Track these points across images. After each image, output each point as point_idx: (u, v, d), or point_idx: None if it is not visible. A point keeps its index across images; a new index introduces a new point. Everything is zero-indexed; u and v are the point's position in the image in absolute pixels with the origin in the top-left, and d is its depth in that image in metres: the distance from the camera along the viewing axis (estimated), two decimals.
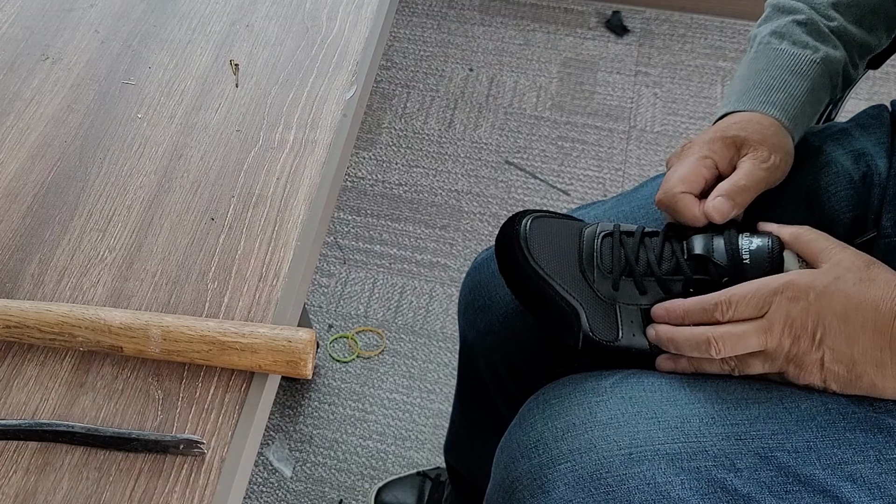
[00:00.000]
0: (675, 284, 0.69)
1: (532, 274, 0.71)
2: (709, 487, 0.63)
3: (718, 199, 0.69)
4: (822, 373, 0.63)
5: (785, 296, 0.63)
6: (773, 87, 0.76)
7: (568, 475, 0.65)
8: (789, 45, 0.78)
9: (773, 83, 0.76)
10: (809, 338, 0.62)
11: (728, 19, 2.04)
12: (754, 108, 0.74)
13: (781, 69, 0.76)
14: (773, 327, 0.63)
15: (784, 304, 0.63)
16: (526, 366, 0.87)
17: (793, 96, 0.75)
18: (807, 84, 0.76)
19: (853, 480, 0.63)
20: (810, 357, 0.63)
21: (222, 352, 0.54)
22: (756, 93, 0.76)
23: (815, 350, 0.62)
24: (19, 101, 0.71)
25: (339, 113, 0.69)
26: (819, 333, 0.62)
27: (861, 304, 0.62)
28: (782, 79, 0.76)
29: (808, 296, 0.62)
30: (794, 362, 0.64)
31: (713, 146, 0.72)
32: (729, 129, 0.73)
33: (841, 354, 0.62)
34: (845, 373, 0.62)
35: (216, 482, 0.51)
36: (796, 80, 0.76)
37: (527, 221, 0.73)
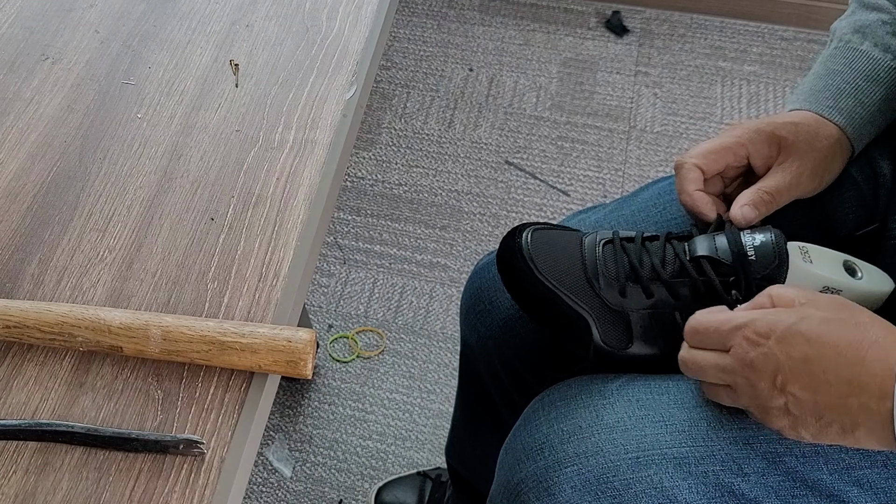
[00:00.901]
0: (681, 287, 0.68)
1: (539, 286, 0.70)
2: (716, 492, 0.63)
3: (746, 208, 0.68)
4: (789, 419, 0.58)
5: (744, 336, 0.58)
6: (844, 92, 0.72)
7: (574, 478, 0.65)
8: (871, 46, 0.74)
9: (845, 87, 0.73)
10: (770, 383, 0.57)
11: (728, 19, 2.04)
12: (821, 112, 0.72)
13: (857, 74, 0.73)
14: (734, 367, 0.59)
15: (744, 346, 0.58)
16: (527, 370, 0.87)
17: (864, 104, 0.72)
18: (881, 92, 0.73)
19: (860, 485, 0.63)
20: (774, 402, 0.57)
21: (222, 352, 0.54)
22: (825, 95, 0.73)
23: (778, 396, 0.57)
24: (19, 101, 0.71)
25: (339, 113, 0.69)
26: (780, 379, 0.57)
27: (823, 349, 0.56)
28: (856, 84, 0.73)
29: (768, 339, 0.57)
30: (757, 407, 0.59)
31: (756, 137, 0.70)
32: (781, 128, 0.70)
33: (804, 402, 0.56)
34: (814, 420, 0.57)
35: (216, 482, 0.51)
36: (871, 87, 0.73)
37: (527, 234, 0.72)
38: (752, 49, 1.98)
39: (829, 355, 0.55)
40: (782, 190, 0.70)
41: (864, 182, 0.76)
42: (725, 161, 0.70)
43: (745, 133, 0.71)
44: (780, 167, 0.70)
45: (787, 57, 1.96)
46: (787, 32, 2.00)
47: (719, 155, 0.70)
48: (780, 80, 1.92)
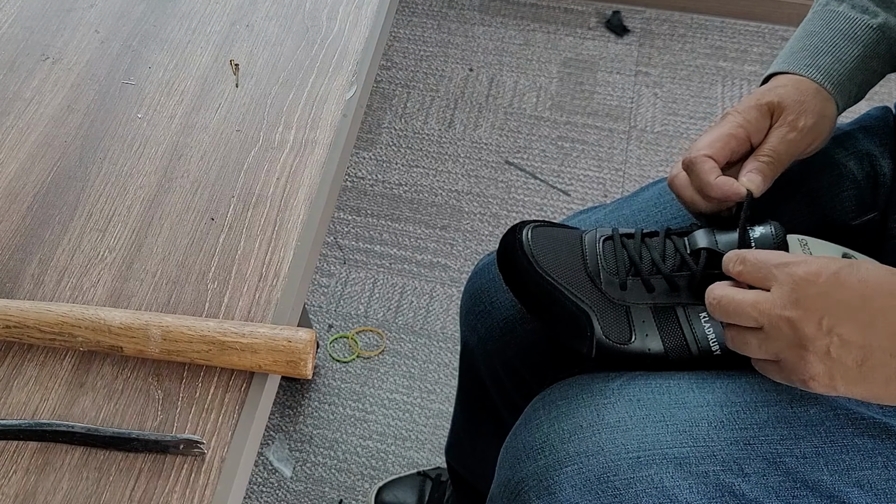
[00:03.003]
0: (682, 280, 0.68)
1: (540, 281, 0.70)
2: (716, 492, 0.63)
3: (749, 175, 0.67)
4: (826, 364, 0.55)
5: (791, 273, 0.57)
6: (821, 51, 0.72)
7: (575, 477, 0.65)
8: (847, 7, 0.74)
9: (822, 46, 0.73)
10: (815, 323, 0.55)
11: (728, 19, 2.04)
12: (798, 71, 0.72)
13: (834, 32, 0.73)
14: (775, 305, 0.56)
15: (790, 284, 0.56)
16: (527, 371, 0.87)
17: (841, 61, 0.72)
18: (858, 50, 0.72)
19: (860, 486, 0.63)
20: (815, 345, 0.55)
21: (222, 352, 0.54)
22: (803, 55, 0.73)
23: (822, 337, 0.55)
24: (19, 101, 0.71)
25: (339, 113, 0.69)
26: (827, 319, 0.55)
27: (878, 289, 0.55)
28: (833, 42, 0.72)
29: (819, 277, 0.56)
30: (794, 349, 0.56)
31: (748, 115, 0.70)
32: (764, 96, 0.70)
33: (852, 344, 0.54)
34: (856, 366, 0.54)
35: (216, 482, 0.51)
36: (847, 45, 0.72)
37: (527, 231, 0.73)
38: (752, 49, 1.98)
39: (884, 295, 0.54)
40: (777, 147, 0.69)
41: (864, 180, 0.76)
42: (730, 147, 0.69)
43: (739, 114, 0.70)
44: (774, 126, 0.70)
45: None
46: (787, 32, 2.00)
47: (724, 142, 0.69)
48: None
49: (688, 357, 0.69)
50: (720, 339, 0.68)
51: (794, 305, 0.56)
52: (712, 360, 0.69)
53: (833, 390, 0.56)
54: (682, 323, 0.68)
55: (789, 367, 0.57)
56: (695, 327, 0.68)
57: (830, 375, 0.55)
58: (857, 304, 0.54)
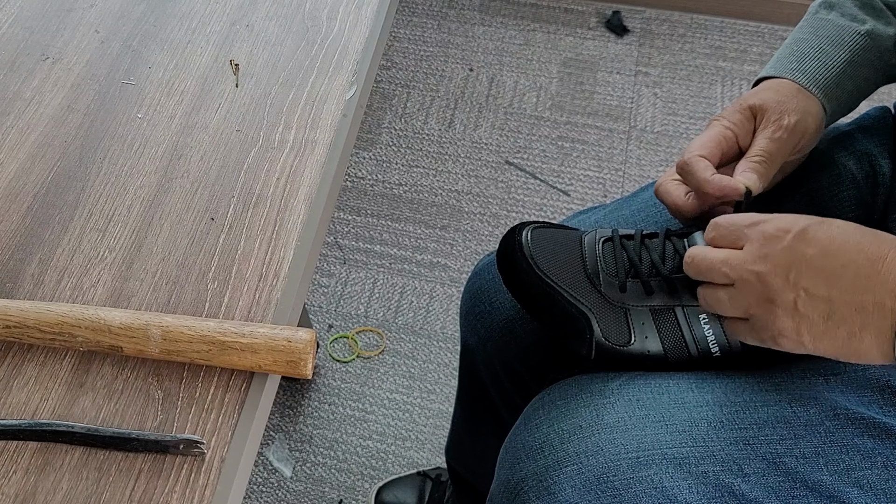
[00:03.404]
0: (682, 282, 0.68)
1: (539, 283, 0.70)
2: (716, 492, 0.63)
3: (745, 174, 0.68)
4: (794, 319, 0.57)
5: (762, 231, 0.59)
6: (808, 56, 0.73)
7: (574, 478, 0.65)
8: (837, 15, 0.75)
9: (809, 51, 0.73)
10: (783, 276, 0.56)
11: (728, 19, 2.04)
12: (784, 75, 0.73)
13: (821, 38, 0.74)
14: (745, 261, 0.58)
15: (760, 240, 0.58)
16: (527, 372, 0.87)
17: (827, 66, 0.73)
18: (846, 55, 0.73)
19: (860, 486, 0.63)
20: (782, 297, 0.57)
21: (222, 352, 0.54)
22: (790, 60, 0.74)
23: (789, 290, 0.56)
24: (19, 101, 0.71)
25: (339, 113, 0.69)
26: (794, 273, 0.56)
27: (845, 244, 0.56)
28: (820, 48, 0.73)
29: (788, 233, 0.57)
30: (763, 304, 0.58)
31: (733, 118, 0.71)
32: (747, 99, 0.72)
33: (817, 298, 0.56)
34: (822, 320, 0.56)
35: (216, 482, 0.51)
36: (834, 51, 0.73)
37: (527, 232, 0.73)
38: (752, 49, 1.98)
39: (850, 250, 0.55)
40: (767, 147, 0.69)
41: (863, 181, 0.76)
42: (721, 148, 0.71)
43: (725, 119, 0.72)
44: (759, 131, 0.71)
45: None
46: (786, 32, 2.00)
47: (716, 143, 0.70)
48: None
49: (687, 358, 0.69)
50: (720, 341, 0.68)
51: (762, 260, 0.58)
52: (711, 361, 0.69)
53: (801, 346, 0.58)
54: (681, 324, 0.68)
55: (759, 324, 0.59)
56: (694, 329, 0.68)
57: (798, 331, 0.57)
58: (824, 259, 0.56)
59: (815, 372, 0.66)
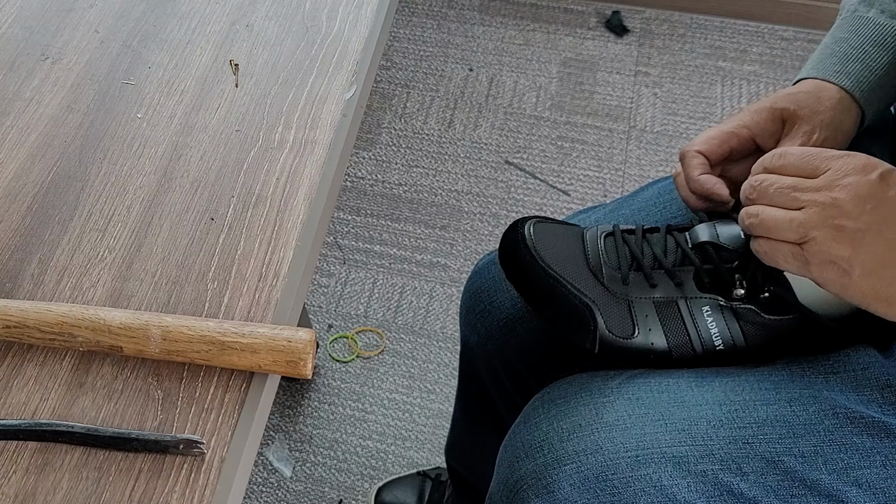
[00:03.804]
0: (684, 275, 0.68)
1: (543, 275, 0.70)
2: (715, 491, 0.63)
3: None
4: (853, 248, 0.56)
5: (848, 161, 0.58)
6: (851, 57, 0.72)
7: (573, 476, 0.65)
8: (877, 13, 0.74)
9: (852, 53, 0.72)
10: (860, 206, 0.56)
11: (728, 19, 2.04)
12: (828, 77, 0.71)
13: (863, 39, 0.73)
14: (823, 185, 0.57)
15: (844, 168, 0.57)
16: (527, 371, 0.87)
17: (871, 69, 0.72)
18: (888, 57, 0.72)
19: (859, 485, 0.63)
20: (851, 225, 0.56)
21: (222, 352, 0.54)
22: (832, 61, 0.73)
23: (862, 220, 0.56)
24: (19, 101, 0.71)
25: (339, 113, 0.69)
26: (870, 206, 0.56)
27: None
28: (863, 49, 0.72)
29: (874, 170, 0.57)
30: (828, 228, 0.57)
31: (757, 117, 0.70)
32: (780, 101, 0.70)
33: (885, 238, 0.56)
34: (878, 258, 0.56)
35: (216, 482, 0.51)
36: (878, 52, 0.72)
37: (529, 226, 0.73)
38: (752, 49, 1.98)
39: None
40: None
41: None
42: (729, 145, 0.70)
43: (745, 115, 0.71)
44: (788, 137, 0.70)
45: (787, 57, 1.96)
46: (787, 32, 2.00)
47: (721, 140, 0.70)
48: (780, 80, 1.92)
49: (690, 351, 0.69)
50: (722, 333, 0.68)
51: (843, 188, 0.57)
52: (715, 355, 0.69)
53: (846, 277, 0.57)
54: (684, 317, 0.68)
55: (814, 248, 0.57)
56: (697, 322, 0.68)
57: (850, 261, 0.56)
58: None
59: (815, 371, 0.66)
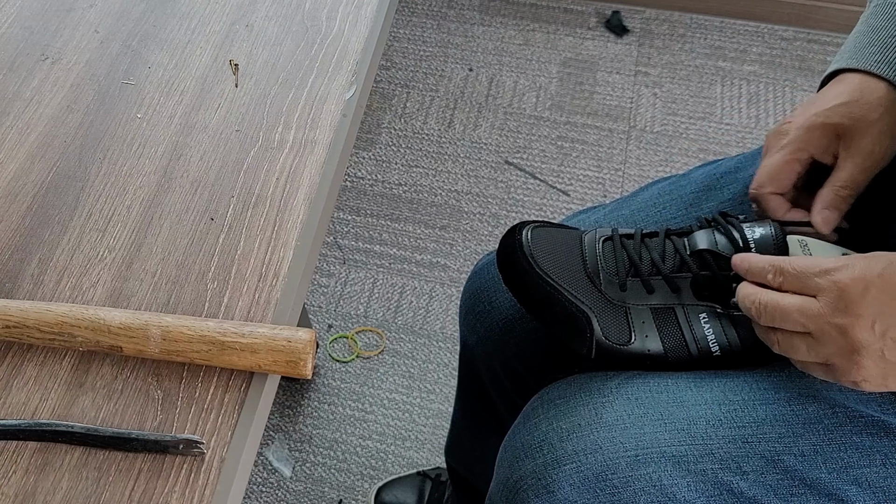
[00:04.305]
0: (682, 281, 0.68)
1: (540, 282, 0.70)
2: (715, 490, 0.63)
3: (826, 213, 0.67)
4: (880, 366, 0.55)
5: (836, 281, 0.56)
6: (889, 46, 0.69)
7: (573, 476, 0.65)
8: None
9: (890, 41, 0.70)
10: (868, 328, 0.55)
11: (728, 19, 2.04)
12: (868, 68, 0.69)
13: None
14: (822, 312, 0.56)
15: (835, 291, 0.56)
16: (526, 371, 0.87)
17: None
18: None
19: (859, 484, 0.63)
20: (870, 350, 0.55)
21: (222, 352, 0.54)
22: (872, 51, 0.70)
23: (876, 341, 0.55)
24: (19, 101, 0.71)
25: (338, 113, 0.69)
26: (879, 324, 0.55)
27: None
28: None
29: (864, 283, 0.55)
30: (845, 354, 0.56)
31: (811, 136, 0.68)
32: (832, 115, 0.68)
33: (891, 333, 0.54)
34: None
35: (216, 482, 0.51)
36: None
37: (527, 231, 0.73)
38: (752, 49, 1.98)
39: None
40: (857, 177, 0.67)
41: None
42: (795, 173, 0.69)
43: (797, 137, 0.69)
44: (848, 153, 0.68)
45: (787, 57, 1.96)
46: (787, 32, 2.00)
47: (787, 172, 0.69)
48: (780, 80, 1.92)
49: (687, 358, 0.69)
50: (719, 340, 0.68)
51: (843, 313, 0.56)
52: (711, 360, 0.69)
53: (884, 387, 0.57)
54: (681, 324, 0.68)
55: (840, 370, 0.57)
56: (694, 328, 0.68)
57: (884, 376, 0.56)
58: None
59: None
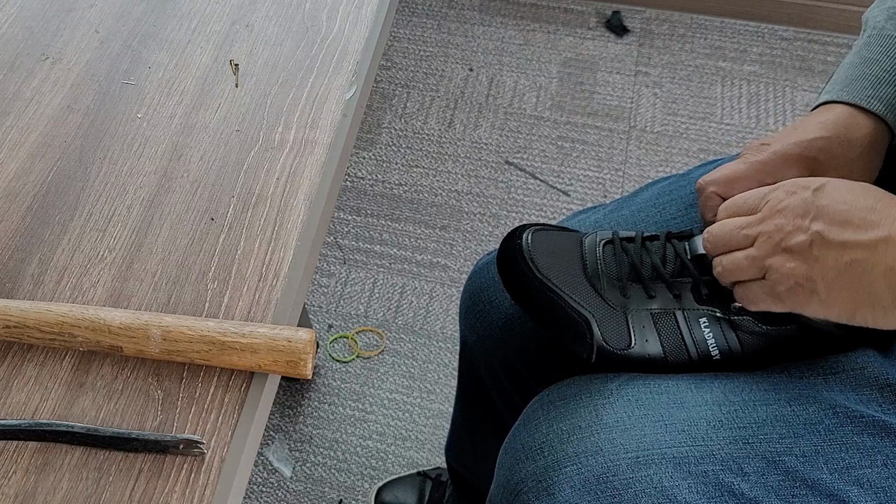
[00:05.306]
0: (683, 286, 0.68)
1: (540, 286, 0.70)
2: (716, 491, 0.63)
3: None
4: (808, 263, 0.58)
5: (784, 188, 0.61)
6: (882, 80, 0.70)
7: (574, 478, 0.65)
8: None
9: (883, 76, 0.70)
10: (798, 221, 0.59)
11: (728, 19, 2.04)
12: (859, 102, 0.70)
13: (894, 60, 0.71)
14: (763, 216, 0.61)
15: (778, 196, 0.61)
16: (526, 370, 0.87)
17: None
18: None
19: (860, 484, 0.63)
20: (796, 240, 0.58)
21: (222, 352, 0.54)
22: (863, 84, 0.70)
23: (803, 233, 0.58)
24: (19, 101, 0.71)
25: (339, 113, 0.69)
26: (809, 219, 0.58)
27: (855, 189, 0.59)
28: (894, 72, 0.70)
29: (806, 188, 0.60)
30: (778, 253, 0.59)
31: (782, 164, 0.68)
32: (809, 149, 0.68)
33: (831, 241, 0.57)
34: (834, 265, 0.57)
35: (216, 482, 0.51)
36: None
37: (527, 235, 0.72)
38: (752, 49, 1.98)
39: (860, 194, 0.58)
40: None
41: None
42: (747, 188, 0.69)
43: (769, 160, 0.69)
44: None
45: (787, 57, 1.96)
46: (787, 32, 2.00)
47: (740, 183, 0.69)
48: (780, 80, 1.92)
49: (687, 362, 0.69)
50: (719, 345, 0.68)
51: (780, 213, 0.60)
52: (712, 364, 0.69)
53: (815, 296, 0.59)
54: (681, 328, 0.68)
55: (775, 277, 0.60)
56: (694, 332, 0.68)
57: (810, 277, 0.58)
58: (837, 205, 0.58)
59: (814, 371, 0.66)
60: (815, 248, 0.58)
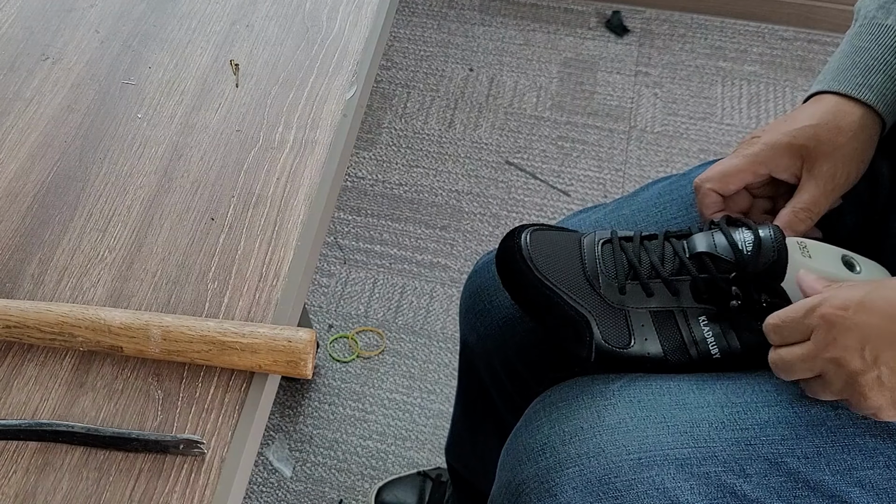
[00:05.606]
0: (681, 284, 0.68)
1: (539, 286, 0.70)
2: (718, 493, 0.63)
3: None
4: (883, 393, 0.56)
5: (821, 315, 0.58)
6: (872, 69, 0.70)
7: (576, 479, 0.64)
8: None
9: (873, 64, 0.70)
10: (859, 357, 0.56)
11: (728, 19, 2.04)
12: (848, 91, 0.70)
13: (885, 49, 0.71)
14: (817, 352, 0.58)
15: (822, 326, 0.58)
16: (526, 370, 0.87)
17: (894, 79, 0.70)
18: None
19: (862, 486, 0.63)
20: (865, 378, 0.56)
21: (222, 352, 0.54)
22: (853, 73, 0.70)
23: (870, 368, 0.56)
24: (19, 101, 0.71)
25: (339, 113, 0.69)
26: (868, 350, 0.56)
27: None
28: (884, 60, 0.70)
29: (846, 310, 0.57)
30: (849, 387, 0.58)
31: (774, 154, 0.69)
32: (798, 136, 0.69)
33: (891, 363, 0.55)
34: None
35: (216, 482, 0.51)
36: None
37: (526, 235, 0.73)
38: (752, 49, 1.98)
39: None
40: (818, 200, 0.69)
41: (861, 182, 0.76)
42: (743, 181, 0.70)
43: (761, 151, 0.70)
44: (810, 176, 0.69)
45: (787, 57, 1.96)
46: (787, 32, 2.00)
47: (736, 177, 0.70)
48: (780, 80, 1.92)
49: (687, 361, 0.69)
50: (719, 343, 0.68)
51: (833, 346, 0.57)
52: (712, 363, 0.69)
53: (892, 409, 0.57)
54: (680, 327, 0.68)
55: (855, 403, 0.59)
56: (693, 331, 0.68)
57: (892, 402, 0.57)
58: (891, 324, 0.55)
59: None
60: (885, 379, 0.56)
